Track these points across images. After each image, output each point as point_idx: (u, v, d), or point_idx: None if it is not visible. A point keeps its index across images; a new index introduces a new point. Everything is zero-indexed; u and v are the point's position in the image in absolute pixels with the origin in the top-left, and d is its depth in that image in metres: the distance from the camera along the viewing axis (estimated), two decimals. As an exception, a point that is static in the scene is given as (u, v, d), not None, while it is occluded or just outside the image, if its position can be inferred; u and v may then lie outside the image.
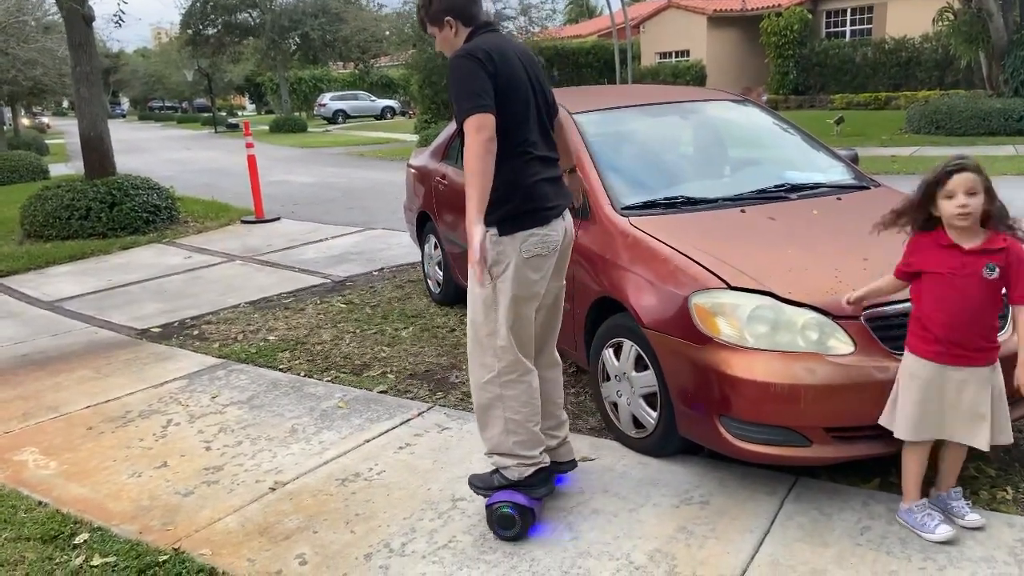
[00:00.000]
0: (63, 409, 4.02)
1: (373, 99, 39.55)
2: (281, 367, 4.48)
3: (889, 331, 2.68)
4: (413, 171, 5.90)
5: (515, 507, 2.63)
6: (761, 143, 4.39)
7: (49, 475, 3.31)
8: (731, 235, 3.19)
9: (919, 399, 2.45)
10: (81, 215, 8.63)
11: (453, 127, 5.11)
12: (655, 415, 3.07)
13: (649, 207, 3.47)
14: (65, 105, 64.59)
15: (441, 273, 5.42)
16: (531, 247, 2.56)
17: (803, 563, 2.44)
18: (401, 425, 3.60)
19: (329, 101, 37.82)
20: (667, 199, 3.52)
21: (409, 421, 3.64)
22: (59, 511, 2.98)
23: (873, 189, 3.86)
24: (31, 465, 3.41)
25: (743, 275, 2.84)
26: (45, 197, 8.79)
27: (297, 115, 34.21)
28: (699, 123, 4.41)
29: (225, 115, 44.81)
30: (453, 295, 5.31)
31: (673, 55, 28.51)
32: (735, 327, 2.72)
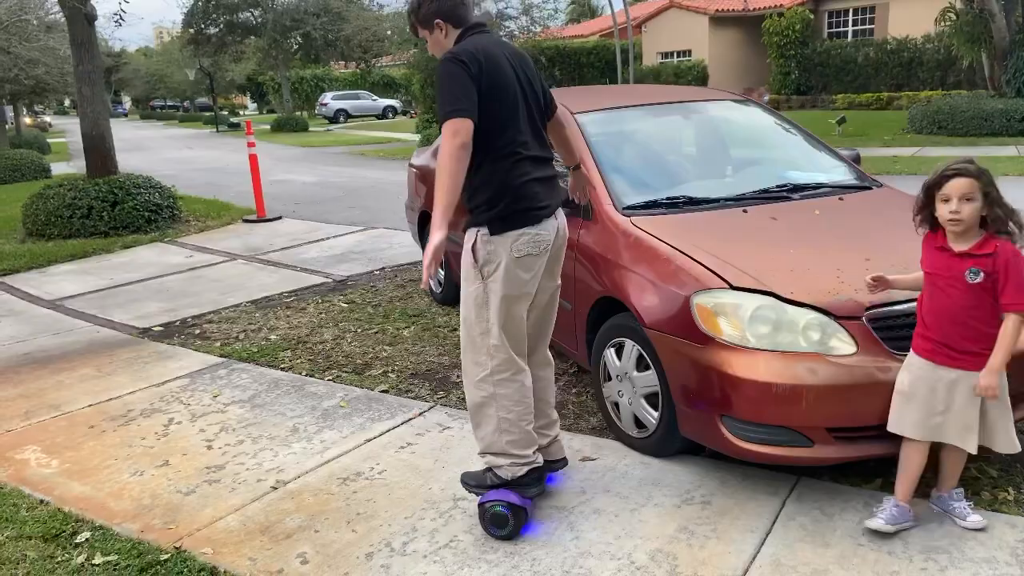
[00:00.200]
0: (65, 408, 4.02)
1: (375, 99, 39.56)
2: (283, 366, 4.48)
3: (891, 331, 2.68)
4: (415, 170, 5.91)
5: (508, 506, 2.64)
6: (763, 143, 4.39)
7: (51, 473, 3.32)
8: (733, 235, 3.19)
9: (909, 393, 2.48)
10: (83, 214, 8.64)
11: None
12: (656, 415, 3.07)
13: (651, 207, 3.47)
14: (67, 104, 64.78)
15: (442, 272, 5.42)
16: (522, 246, 2.57)
17: (804, 563, 2.44)
18: (402, 424, 3.61)
19: (331, 100, 37.83)
20: (669, 199, 3.52)
21: (410, 420, 3.64)
22: (60, 509, 2.98)
23: (875, 189, 3.86)
24: (33, 463, 3.42)
25: (745, 275, 2.84)
26: (47, 196, 8.80)
27: (299, 114, 34.21)
28: (701, 123, 4.40)
29: (227, 114, 44.86)
30: (454, 295, 5.30)
31: (675, 55, 28.50)
32: (737, 327, 2.72)
